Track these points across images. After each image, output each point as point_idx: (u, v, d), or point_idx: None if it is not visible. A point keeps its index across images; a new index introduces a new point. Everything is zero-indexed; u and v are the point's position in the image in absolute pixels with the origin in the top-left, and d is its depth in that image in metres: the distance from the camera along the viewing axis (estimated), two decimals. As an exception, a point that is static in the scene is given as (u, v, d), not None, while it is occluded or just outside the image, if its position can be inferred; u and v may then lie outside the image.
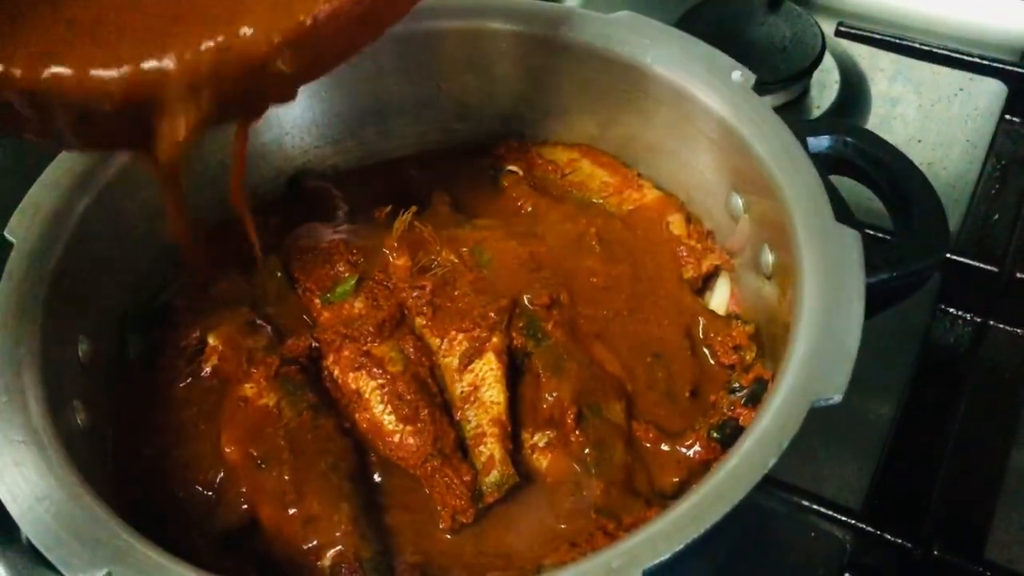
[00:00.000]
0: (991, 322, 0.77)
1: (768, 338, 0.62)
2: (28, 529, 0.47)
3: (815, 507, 0.66)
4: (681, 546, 0.44)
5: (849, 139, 0.65)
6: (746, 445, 0.48)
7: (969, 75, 0.97)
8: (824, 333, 0.51)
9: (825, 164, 0.61)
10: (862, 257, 0.54)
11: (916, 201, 0.61)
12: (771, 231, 0.61)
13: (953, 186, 0.88)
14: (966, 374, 0.75)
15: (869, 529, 0.64)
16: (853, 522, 0.65)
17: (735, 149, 0.63)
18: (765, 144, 0.61)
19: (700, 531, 0.44)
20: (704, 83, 0.64)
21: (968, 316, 0.77)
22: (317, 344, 0.63)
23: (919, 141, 0.93)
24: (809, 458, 0.71)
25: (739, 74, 0.64)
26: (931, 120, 0.95)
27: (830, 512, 0.65)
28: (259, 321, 0.64)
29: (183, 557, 0.47)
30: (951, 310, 0.78)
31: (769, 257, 0.61)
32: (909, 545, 0.64)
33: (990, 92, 0.96)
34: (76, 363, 0.59)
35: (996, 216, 0.83)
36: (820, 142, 0.64)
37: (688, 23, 0.96)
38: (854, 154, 0.64)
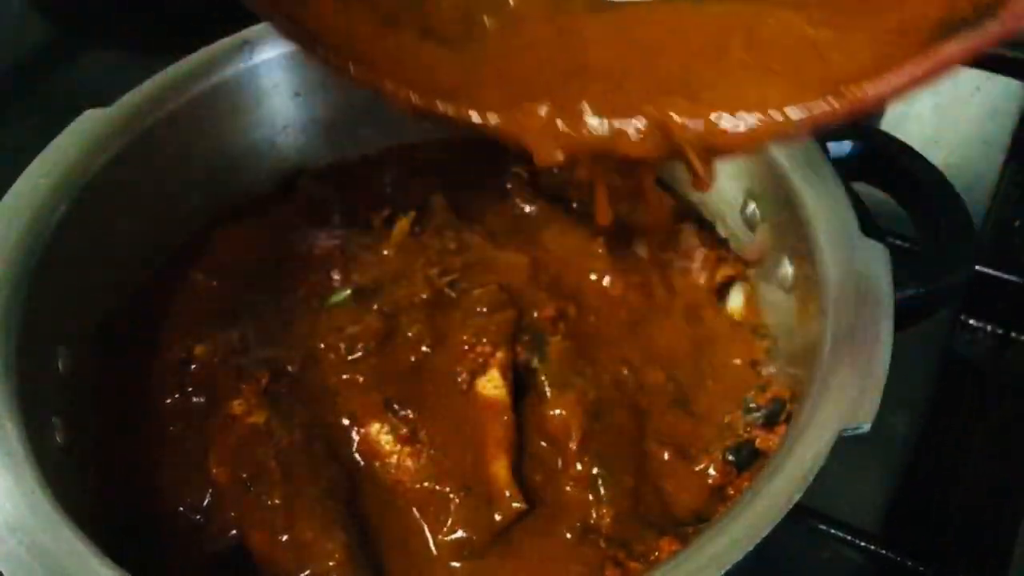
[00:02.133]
0: (1014, 334, 0.74)
1: (786, 354, 0.59)
2: (0, 563, 0.44)
3: (832, 530, 0.63)
4: (701, 587, 0.41)
5: (872, 145, 0.62)
6: (770, 478, 0.44)
7: (986, 73, 0.94)
8: (851, 356, 0.48)
9: (847, 170, 0.58)
10: (890, 274, 0.51)
11: (943, 213, 0.58)
12: (791, 242, 0.57)
13: (971, 189, 0.84)
14: (989, 388, 0.72)
15: (889, 555, 0.61)
16: (872, 547, 0.62)
17: (752, 155, 0.60)
18: (784, 150, 0.58)
19: (722, 571, 0.41)
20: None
21: (990, 328, 0.74)
22: (310, 357, 0.59)
23: (935, 142, 0.90)
24: (824, 475, 0.67)
25: (757, 75, 0.61)
26: (948, 120, 0.92)
27: (848, 536, 0.62)
28: (249, 332, 0.60)
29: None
30: (972, 321, 0.75)
31: (789, 270, 0.58)
32: (930, 571, 0.61)
33: (1008, 91, 0.93)
34: (56, 377, 0.56)
35: (1017, 222, 0.80)
36: (842, 147, 0.61)
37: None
38: (877, 161, 0.61)
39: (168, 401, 0.59)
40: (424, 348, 0.59)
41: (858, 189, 0.58)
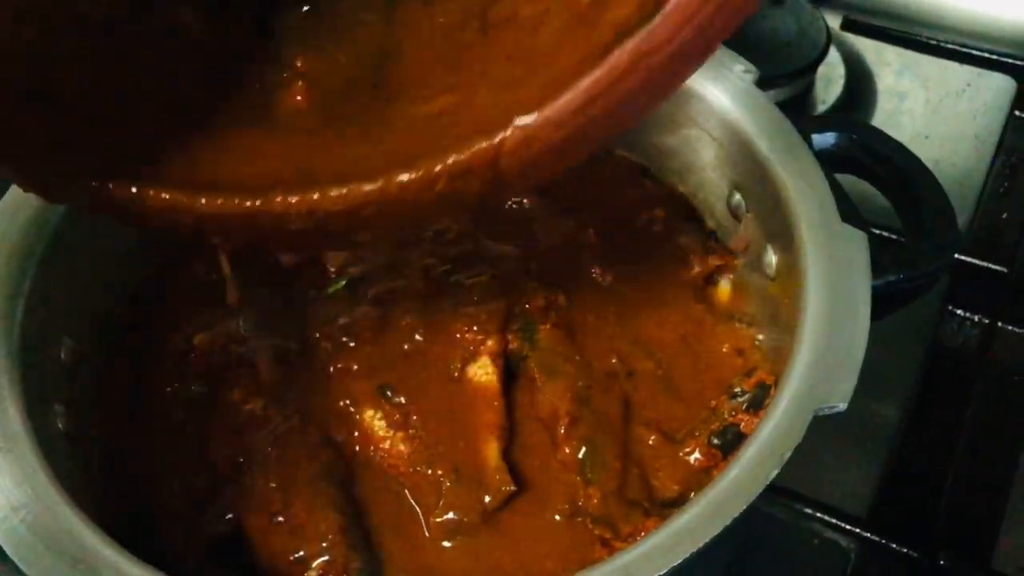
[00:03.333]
0: (1000, 324, 0.75)
1: (771, 341, 0.60)
2: (3, 540, 0.45)
3: (818, 515, 0.64)
4: (679, 561, 0.42)
5: (855, 136, 0.63)
6: (747, 455, 0.46)
7: (977, 70, 0.96)
8: (829, 338, 0.49)
9: (831, 162, 0.59)
10: (868, 259, 0.52)
11: (924, 201, 0.59)
12: (775, 231, 0.59)
13: (961, 183, 0.86)
14: (974, 377, 0.73)
15: (874, 538, 0.63)
16: (858, 531, 0.63)
17: (737, 147, 0.61)
18: (768, 142, 0.59)
19: (698, 545, 0.43)
20: (706, 79, 0.62)
21: (976, 317, 0.76)
22: (306, 346, 0.61)
23: (926, 137, 0.92)
24: (813, 462, 0.69)
25: (741, 69, 0.62)
26: (939, 116, 0.93)
27: (834, 520, 0.64)
28: (248, 322, 0.62)
29: (167, 567, 0.45)
30: (959, 311, 0.76)
31: (773, 258, 0.59)
32: (915, 554, 0.62)
33: (998, 87, 0.95)
34: (59, 365, 0.58)
35: (1005, 215, 0.81)
36: (825, 139, 0.62)
37: (690, 16, 0.94)
38: (860, 151, 0.62)
39: (168, 389, 0.60)
40: (417, 336, 0.60)
41: (843, 180, 0.59)
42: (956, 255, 0.72)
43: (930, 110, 0.94)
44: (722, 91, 0.62)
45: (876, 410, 0.72)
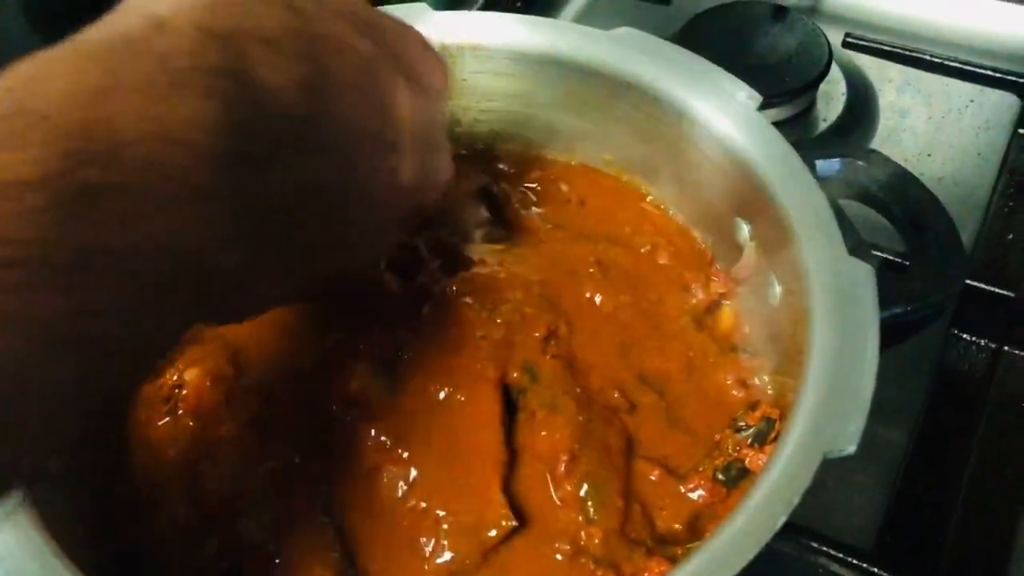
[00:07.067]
0: (1006, 348, 0.74)
1: (775, 372, 0.59)
2: (-13, 592, 0.44)
3: (823, 548, 0.63)
4: (685, 613, 0.41)
5: (861, 163, 0.62)
6: (754, 500, 0.45)
7: (980, 87, 0.95)
8: (835, 378, 0.48)
9: (835, 188, 0.58)
10: (876, 295, 0.51)
11: (931, 230, 0.58)
12: (779, 261, 0.58)
13: (965, 202, 0.85)
14: (982, 402, 0.72)
15: (881, 573, 0.62)
16: (864, 565, 0.62)
17: (740, 175, 0.60)
18: (772, 170, 0.58)
19: (705, 596, 0.41)
20: (708, 105, 0.61)
21: (982, 342, 0.74)
22: (299, 380, 0.60)
23: (929, 155, 0.91)
24: (817, 492, 0.67)
25: (744, 95, 0.61)
26: (941, 133, 0.92)
27: (840, 554, 0.62)
28: (241, 357, 0.61)
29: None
30: (965, 335, 0.75)
31: (777, 288, 0.58)
32: (922, 589, 0.61)
33: (1002, 104, 0.94)
34: (48, 401, 0.56)
35: (1011, 236, 0.80)
36: (830, 165, 0.62)
37: (691, 34, 0.93)
38: (866, 179, 0.61)
39: (160, 424, 0.59)
40: (415, 368, 0.59)
41: (848, 204, 0.58)
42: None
43: (932, 127, 0.93)
44: (725, 118, 0.61)
45: (882, 435, 0.71)
